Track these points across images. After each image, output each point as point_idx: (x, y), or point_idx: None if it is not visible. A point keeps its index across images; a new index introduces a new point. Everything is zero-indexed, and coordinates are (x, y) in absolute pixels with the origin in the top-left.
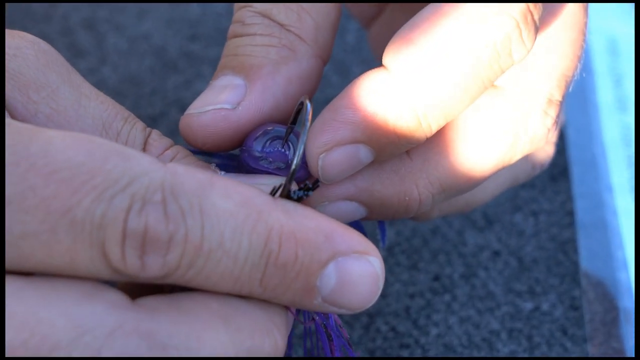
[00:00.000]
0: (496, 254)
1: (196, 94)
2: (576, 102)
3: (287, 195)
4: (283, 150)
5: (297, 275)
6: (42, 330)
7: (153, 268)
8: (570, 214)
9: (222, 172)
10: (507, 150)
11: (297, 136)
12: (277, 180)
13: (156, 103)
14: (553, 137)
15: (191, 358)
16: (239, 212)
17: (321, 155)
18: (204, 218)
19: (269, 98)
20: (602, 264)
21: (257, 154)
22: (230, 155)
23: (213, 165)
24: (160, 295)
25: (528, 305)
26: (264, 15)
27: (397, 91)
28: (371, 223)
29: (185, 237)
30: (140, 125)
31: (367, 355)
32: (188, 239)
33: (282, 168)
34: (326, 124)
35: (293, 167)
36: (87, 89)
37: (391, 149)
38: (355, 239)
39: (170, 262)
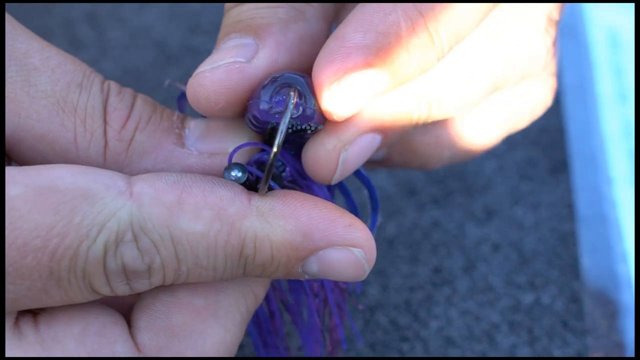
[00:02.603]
0: (496, 246)
1: None
2: (576, 95)
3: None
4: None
5: (276, 269)
6: None
7: (142, 288)
8: (570, 206)
9: (187, 131)
10: (505, 62)
11: (309, 85)
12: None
13: (157, 97)
14: (553, 66)
15: None
16: (210, 230)
17: (333, 85)
18: (176, 246)
19: (283, 53)
20: (602, 257)
21: (266, 105)
22: None
23: (175, 114)
24: (150, 314)
25: (528, 298)
26: None
27: (407, 7)
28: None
29: (162, 265)
30: (96, 88)
31: (367, 348)
32: (165, 265)
33: (294, 116)
34: (334, 52)
35: (272, 156)
36: (35, 56)
37: (406, 71)
38: (339, 233)
39: (155, 282)
